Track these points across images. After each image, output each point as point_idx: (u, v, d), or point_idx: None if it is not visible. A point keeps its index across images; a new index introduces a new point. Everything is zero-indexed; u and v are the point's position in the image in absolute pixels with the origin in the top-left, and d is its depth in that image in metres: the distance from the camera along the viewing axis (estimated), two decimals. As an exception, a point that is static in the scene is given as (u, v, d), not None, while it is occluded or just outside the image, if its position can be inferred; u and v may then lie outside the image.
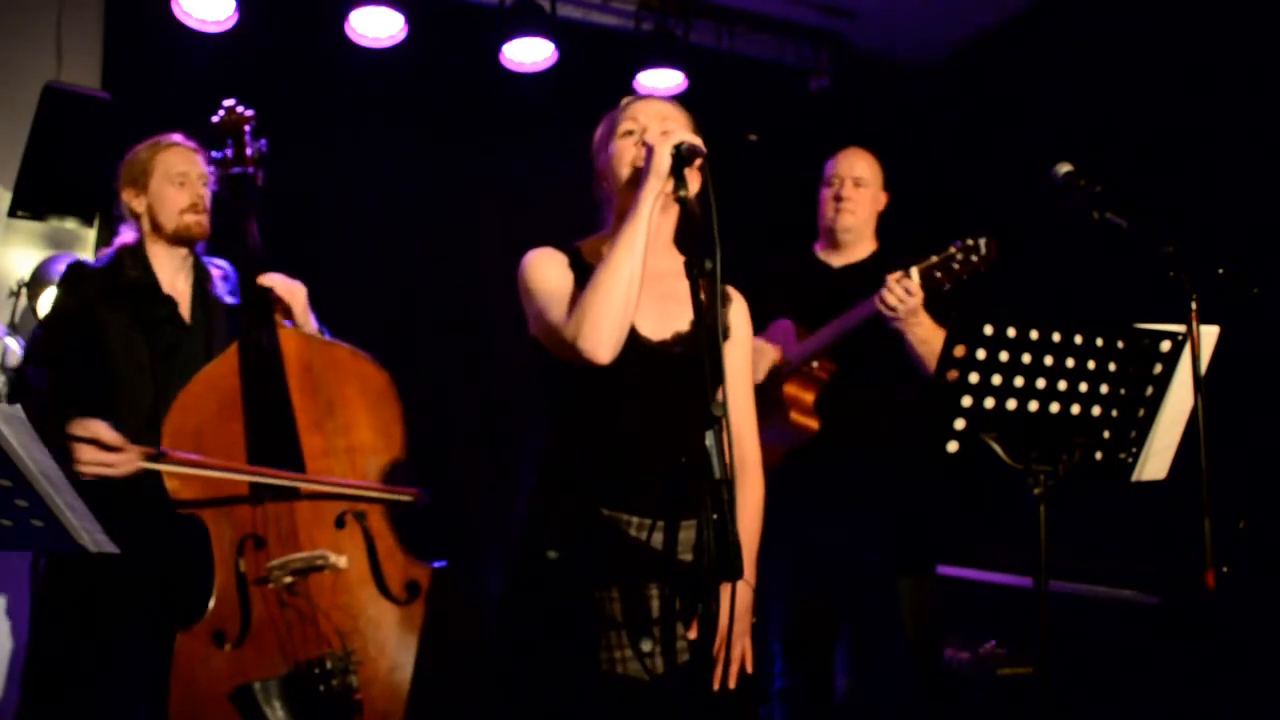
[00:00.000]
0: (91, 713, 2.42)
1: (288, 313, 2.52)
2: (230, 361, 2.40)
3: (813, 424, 2.82)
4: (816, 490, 2.79)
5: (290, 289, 2.53)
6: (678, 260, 2.01)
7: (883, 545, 2.80)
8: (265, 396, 2.37)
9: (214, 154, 2.62)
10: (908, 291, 2.57)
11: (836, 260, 2.99)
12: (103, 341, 2.48)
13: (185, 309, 2.60)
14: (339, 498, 2.38)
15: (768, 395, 2.85)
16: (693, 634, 1.90)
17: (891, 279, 2.59)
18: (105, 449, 2.22)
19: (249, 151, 2.59)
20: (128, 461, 2.24)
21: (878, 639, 2.81)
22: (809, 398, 2.83)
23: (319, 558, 2.33)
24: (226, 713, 2.22)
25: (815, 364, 2.84)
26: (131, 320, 2.51)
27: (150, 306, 2.55)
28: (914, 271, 2.59)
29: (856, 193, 2.93)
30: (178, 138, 2.66)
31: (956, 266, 2.56)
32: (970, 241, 2.55)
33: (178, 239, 2.60)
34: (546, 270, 1.97)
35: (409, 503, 2.43)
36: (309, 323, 2.56)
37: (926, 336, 2.64)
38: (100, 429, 2.23)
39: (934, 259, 2.59)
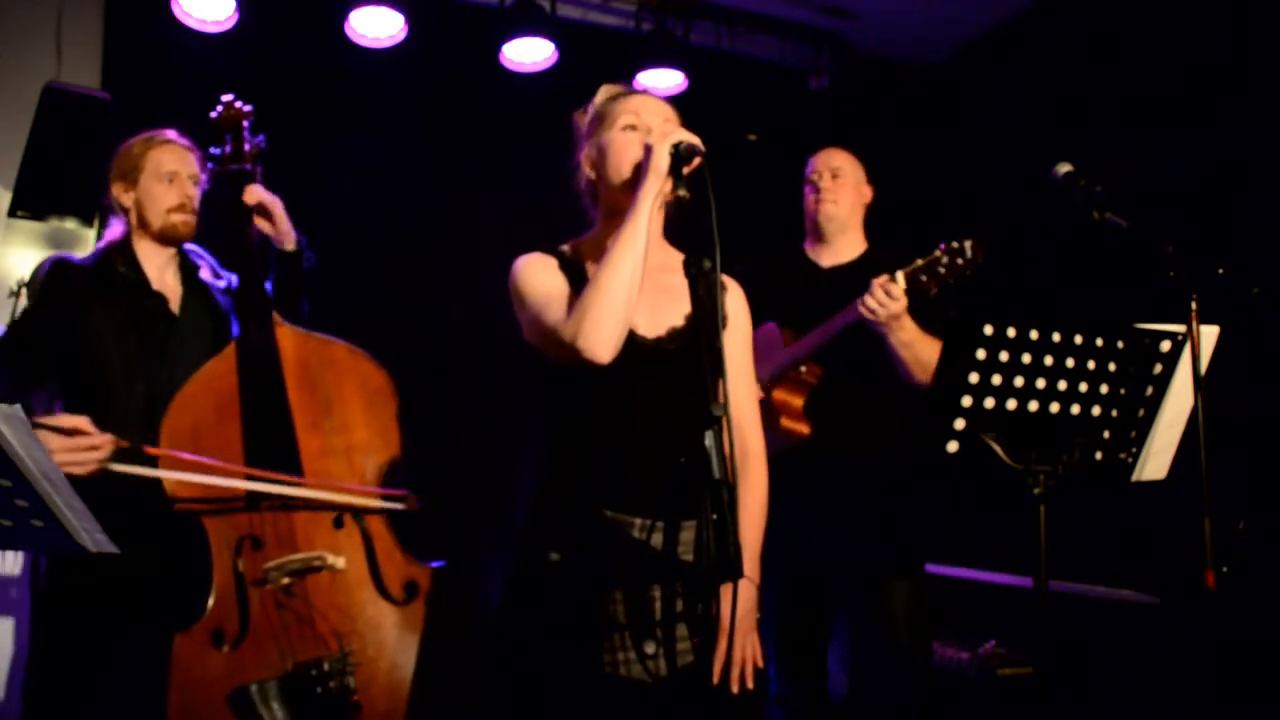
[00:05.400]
0: (91, 714, 2.41)
1: (269, 220, 2.53)
2: (228, 361, 2.39)
3: (804, 429, 2.80)
4: (802, 493, 2.77)
5: (272, 200, 2.53)
6: (669, 254, 2.00)
7: (869, 545, 2.79)
8: (263, 396, 2.37)
9: (213, 150, 2.60)
10: (890, 295, 2.56)
11: (826, 259, 2.98)
12: (89, 341, 2.45)
13: (175, 304, 2.59)
14: (329, 507, 2.35)
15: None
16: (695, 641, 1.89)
17: (876, 283, 2.58)
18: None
19: (247, 147, 2.57)
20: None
21: (869, 639, 2.81)
22: (798, 402, 2.82)
23: (316, 559, 2.32)
24: (224, 714, 2.22)
25: (803, 369, 2.83)
26: (123, 317, 2.50)
27: (140, 303, 2.53)
28: (900, 275, 2.58)
29: (835, 183, 2.96)
30: (172, 134, 2.65)
31: (942, 270, 2.55)
32: (955, 245, 2.54)
33: (163, 238, 2.59)
34: (538, 274, 1.96)
35: (403, 511, 2.41)
36: (289, 231, 2.56)
37: (910, 340, 2.63)
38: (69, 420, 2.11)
39: (919, 262, 2.58)
